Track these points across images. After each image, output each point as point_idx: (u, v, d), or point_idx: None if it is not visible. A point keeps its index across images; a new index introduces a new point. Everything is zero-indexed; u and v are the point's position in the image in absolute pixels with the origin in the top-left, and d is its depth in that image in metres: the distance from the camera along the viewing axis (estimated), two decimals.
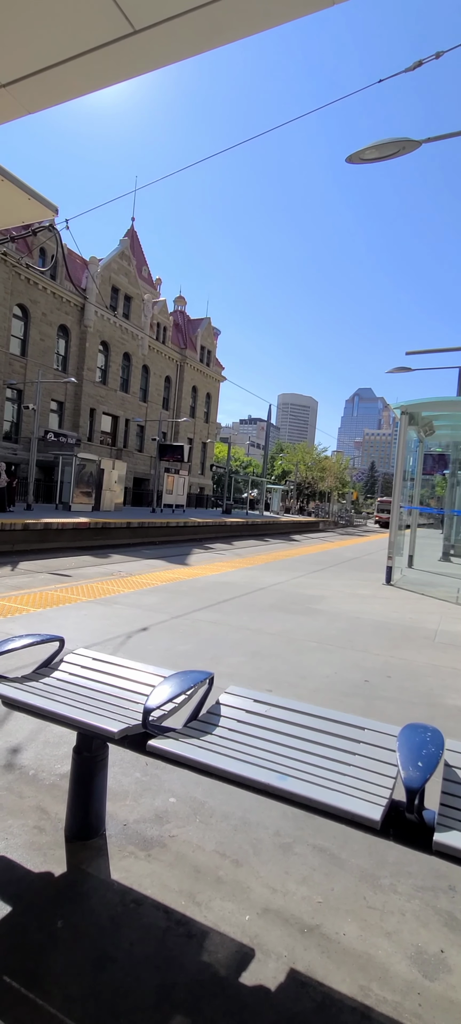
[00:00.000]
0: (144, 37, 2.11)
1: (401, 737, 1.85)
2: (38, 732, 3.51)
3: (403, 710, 4.45)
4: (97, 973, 1.87)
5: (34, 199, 3.46)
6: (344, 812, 1.62)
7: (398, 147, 6.30)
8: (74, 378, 35.20)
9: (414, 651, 6.41)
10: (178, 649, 5.68)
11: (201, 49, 2.16)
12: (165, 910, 2.17)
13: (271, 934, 2.08)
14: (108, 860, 2.43)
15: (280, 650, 5.96)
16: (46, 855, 2.43)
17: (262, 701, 2.33)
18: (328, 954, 2.01)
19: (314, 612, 8.24)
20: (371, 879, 2.43)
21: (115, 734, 2.03)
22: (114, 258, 42.17)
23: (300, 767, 1.88)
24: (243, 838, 2.66)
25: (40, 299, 36.22)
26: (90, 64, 2.28)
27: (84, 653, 2.84)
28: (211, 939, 2.04)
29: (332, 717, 2.17)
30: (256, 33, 2.05)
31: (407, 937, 2.12)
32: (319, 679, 5.07)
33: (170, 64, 2.25)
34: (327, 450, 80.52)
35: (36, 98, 2.57)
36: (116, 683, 2.56)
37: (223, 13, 1.95)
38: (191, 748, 1.96)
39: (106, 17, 2.03)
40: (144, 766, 3.20)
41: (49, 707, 2.22)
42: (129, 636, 6.04)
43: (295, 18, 1.97)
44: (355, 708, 4.37)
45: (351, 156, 6.46)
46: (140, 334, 44.81)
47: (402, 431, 12.59)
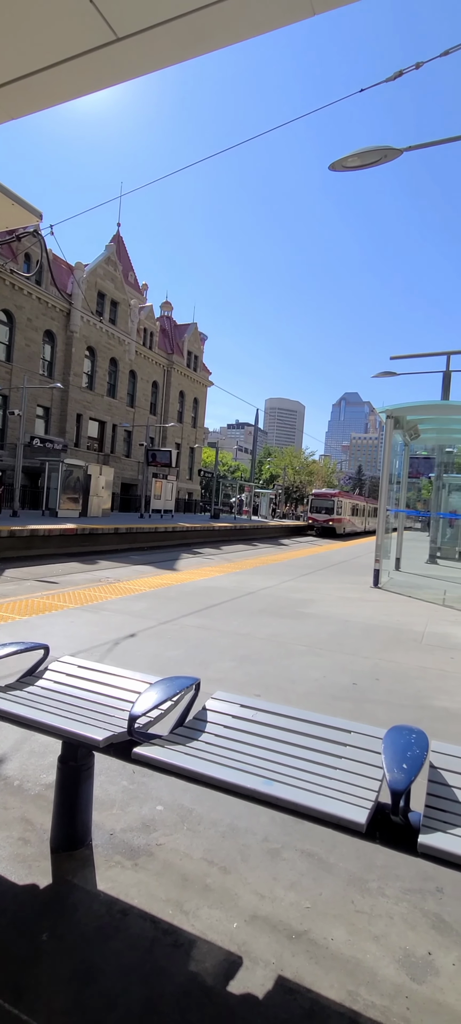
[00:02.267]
0: (127, 44, 2.11)
1: (386, 739, 1.86)
2: (23, 742, 3.47)
3: (391, 712, 4.47)
4: (83, 986, 1.85)
5: (18, 204, 3.44)
6: (329, 816, 1.62)
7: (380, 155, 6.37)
8: (60, 383, 35.01)
9: (402, 653, 6.45)
10: (166, 655, 5.65)
11: (184, 57, 2.17)
12: (152, 920, 2.15)
13: (259, 941, 2.07)
14: (94, 870, 2.40)
15: (269, 654, 5.96)
16: (31, 867, 2.39)
17: (249, 706, 2.33)
18: (316, 960, 2.00)
19: (303, 616, 8.26)
20: (359, 883, 2.44)
21: (100, 742, 2.01)
22: (100, 263, 42.06)
23: (287, 772, 1.88)
24: (231, 845, 2.65)
25: (25, 304, 35.98)
26: (73, 70, 2.28)
27: (69, 661, 2.82)
28: (199, 948, 2.03)
29: (319, 721, 2.17)
30: (238, 42, 2.06)
31: (395, 940, 2.12)
32: (308, 683, 5.08)
33: (154, 71, 2.25)
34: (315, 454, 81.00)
35: (19, 104, 2.56)
36: (102, 690, 2.53)
37: (206, 22, 1.96)
38: (177, 755, 1.95)
39: (89, 24, 2.03)
40: (131, 774, 3.17)
41: (33, 716, 2.20)
42: (117, 643, 6.00)
43: (276, 28, 1.99)
44: (344, 711, 4.38)
45: (334, 164, 6.52)
46: (127, 339, 44.70)
47: (388, 435, 12.69)
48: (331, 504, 46.79)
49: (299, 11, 1.88)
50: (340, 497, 48.27)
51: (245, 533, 36.94)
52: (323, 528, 45.93)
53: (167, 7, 1.91)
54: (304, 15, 1.89)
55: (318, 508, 47.67)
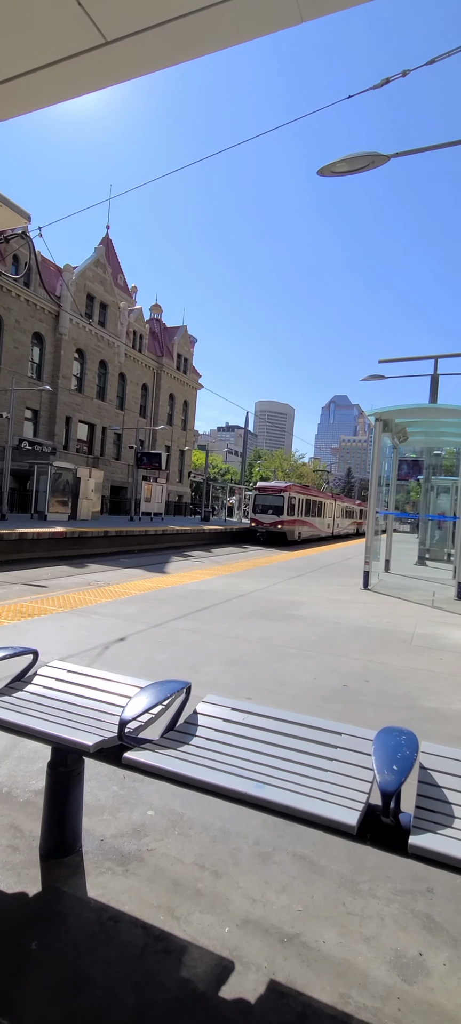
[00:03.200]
0: (116, 48, 2.11)
1: (377, 741, 1.87)
2: (12, 748, 3.43)
3: (381, 714, 4.49)
4: (73, 995, 1.83)
5: (5, 206, 3.42)
6: (320, 818, 1.62)
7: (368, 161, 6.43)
8: (49, 386, 34.79)
9: (392, 655, 6.48)
10: (157, 659, 5.63)
11: (173, 61, 2.17)
12: (143, 926, 2.13)
13: (251, 945, 2.07)
14: (84, 877, 2.38)
15: (259, 657, 5.96)
16: (20, 875, 2.36)
17: (240, 709, 2.33)
18: (308, 963, 2.00)
19: (293, 618, 8.27)
20: (350, 885, 2.44)
21: (90, 747, 2.00)
22: (89, 266, 41.92)
23: (278, 775, 1.88)
24: (223, 849, 2.64)
25: (13, 306, 35.74)
26: (62, 73, 2.27)
27: (59, 665, 2.79)
28: (190, 953, 2.02)
29: (309, 723, 2.18)
30: (227, 47, 2.07)
31: (386, 941, 2.13)
32: (299, 685, 5.08)
33: (142, 75, 2.26)
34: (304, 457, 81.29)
35: (7, 106, 2.54)
36: (91, 695, 2.52)
37: (194, 26, 1.96)
38: (168, 759, 1.94)
39: (77, 28, 2.02)
40: (121, 779, 3.15)
41: (22, 722, 2.18)
42: (106, 647, 5.97)
43: (265, 34, 2.00)
44: (334, 713, 4.40)
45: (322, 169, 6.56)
46: (116, 342, 44.56)
47: (377, 438, 12.78)
48: (280, 501, 35.61)
49: (287, 18, 1.89)
50: (292, 492, 36.79)
51: (235, 535, 36.89)
52: (270, 533, 35.09)
53: (156, 11, 1.92)
54: (293, 22, 1.90)
55: (263, 507, 35.88)
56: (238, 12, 1.89)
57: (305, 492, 40.78)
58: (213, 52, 2.08)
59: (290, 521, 36.01)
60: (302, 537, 38.37)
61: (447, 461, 20.95)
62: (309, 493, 42.01)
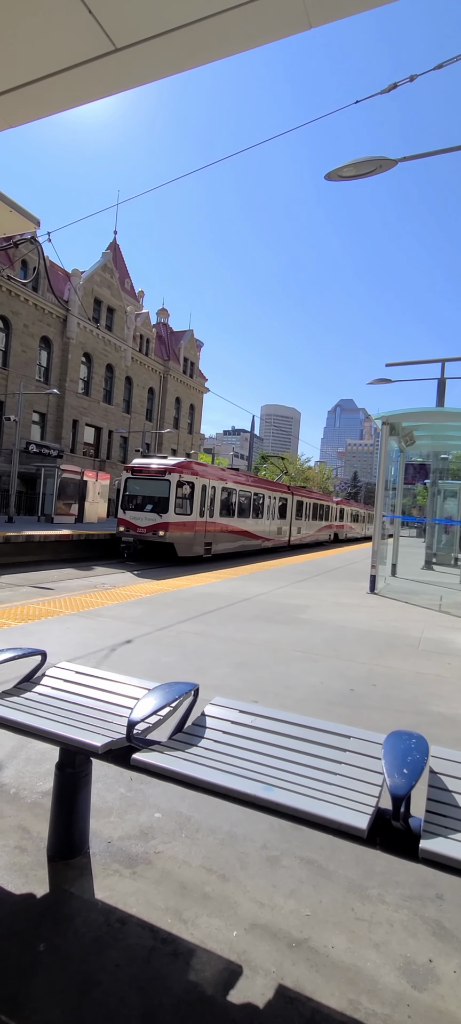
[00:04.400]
0: (125, 55, 2.13)
1: (386, 745, 1.86)
2: (19, 749, 3.44)
3: (389, 718, 4.47)
4: (81, 997, 1.83)
5: (15, 211, 3.45)
6: (330, 822, 1.61)
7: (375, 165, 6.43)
8: (56, 389, 34.96)
9: (399, 659, 6.45)
10: (163, 661, 5.63)
11: (182, 68, 2.18)
12: (151, 928, 2.13)
13: (259, 950, 2.06)
14: (92, 879, 2.38)
15: (265, 660, 5.95)
16: (28, 876, 2.37)
17: (247, 712, 2.32)
18: (316, 968, 1.99)
19: (299, 622, 8.25)
20: (359, 890, 2.43)
21: (99, 748, 2.00)
22: (97, 270, 42.15)
23: (286, 777, 1.87)
24: (230, 852, 2.63)
25: (22, 311, 35.99)
26: (72, 80, 2.29)
27: (67, 667, 2.80)
28: (198, 957, 2.01)
29: (318, 726, 2.17)
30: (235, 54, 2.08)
31: (396, 948, 2.11)
32: (305, 689, 5.07)
33: (151, 82, 2.27)
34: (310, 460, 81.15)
35: (18, 112, 2.57)
36: (100, 697, 2.52)
37: (203, 33, 1.97)
38: (176, 761, 1.94)
39: (88, 35, 2.04)
40: (129, 781, 3.15)
41: (31, 722, 2.18)
42: (113, 649, 5.98)
43: (273, 40, 2.01)
44: (341, 717, 4.38)
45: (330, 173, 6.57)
46: (123, 346, 44.75)
47: (383, 441, 12.74)
48: (164, 489, 20.38)
49: (295, 24, 1.90)
50: (190, 473, 21.34)
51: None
52: (146, 545, 20.24)
53: (165, 19, 1.93)
54: (300, 28, 1.91)
55: (136, 500, 20.85)
56: (246, 19, 1.90)
57: (220, 477, 23.75)
58: (222, 58, 2.09)
59: (184, 524, 20.79)
60: (219, 552, 22.99)
61: (454, 465, 20.87)
62: (230, 478, 24.73)
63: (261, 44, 2.09)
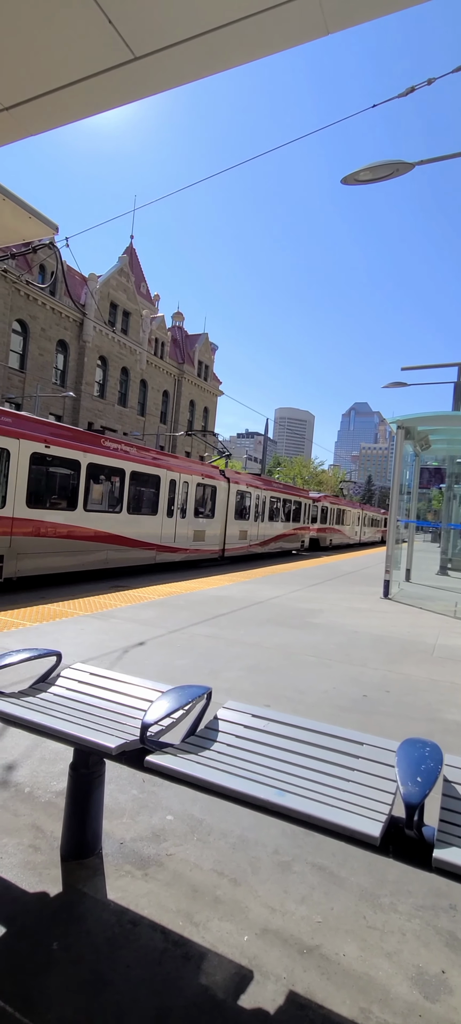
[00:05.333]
0: (144, 63, 2.15)
1: (400, 752, 1.85)
2: (34, 748, 3.48)
3: (402, 725, 4.43)
4: (93, 997, 1.84)
5: (35, 217, 3.50)
6: (343, 828, 1.61)
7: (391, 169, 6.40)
8: (72, 392, 35.34)
9: (413, 666, 6.39)
10: (175, 664, 5.65)
11: (199, 75, 2.20)
12: (162, 931, 2.14)
13: (270, 955, 2.05)
14: (104, 880, 2.40)
15: (278, 664, 5.94)
16: (41, 875, 2.39)
17: (260, 716, 2.32)
18: (328, 975, 1.98)
19: (312, 626, 8.22)
20: (371, 898, 2.41)
21: (112, 750, 2.02)
22: (113, 275, 42.53)
23: (299, 783, 1.87)
24: (241, 856, 2.63)
25: (39, 314, 36.44)
26: (91, 89, 2.32)
27: (81, 668, 2.83)
28: (209, 960, 2.01)
29: (331, 732, 2.16)
30: (253, 60, 2.10)
31: (408, 957, 2.09)
32: (317, 694, 5.05)
33: (169, 89, 2.29)
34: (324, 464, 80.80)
35: (38, 121, 2.61)
36: (113, 698, 2.54)
37: (220, 41, 1.99)
38: (189, 764, 1.95)
39: (108, 44, 2.07)
40: (141, 783, 3.17)
41: (46, 723, 2.21)
42: (126, 651, 6.01)
43: (290, 47, 2.02)
44: (353, 723, 4.35)
45: (346, 178, 6.56)
46: (138, 349, 45.05)
47: (398, 445, 12.65)
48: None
49: (313, 31, 1.91)
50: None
51: None
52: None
53: (183, 27, 1.95)
54: (318, 34, 1.92)
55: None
56: (264, 26, 1.92)
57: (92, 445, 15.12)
58: (239, 65, 2.10)
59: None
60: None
61: None
62: (106, 449, 15.68)
63: (279, 51, 2.10)
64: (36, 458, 12.61)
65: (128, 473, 15.79)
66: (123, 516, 15.64)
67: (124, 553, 15.73)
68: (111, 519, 15.18)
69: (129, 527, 15.87)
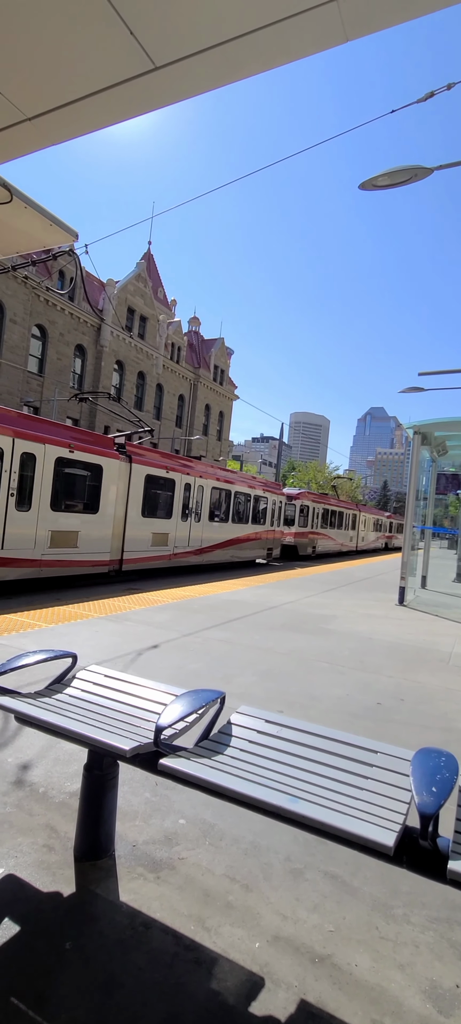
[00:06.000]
0: (164, 73, 2.18)
1: (415, 761, 1.83)
2: (48, 749, 3.52)
3: (417, 734, 4.38)
4: (104, 998, 1.85)
5: (56, 225, 3.56)
6: (356, 837, 1.60)
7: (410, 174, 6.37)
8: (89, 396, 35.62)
9: (428, 674, 6.31)
10: (189, 667, 5.66)
11: (219, 84, 2.22)
12: (174, 934, 2.14)
13: (281, 963, 2.05)
14: (117, 881, 2.41)
15: (291, 670, 5.91)
16: (55, 875, 2.41)
17: (274, 722, 2.32)
18: (340, 985, 1.97)
19: (325, 632, 8.17)
20: (384, 908, 2.39)
21: (127, 752, 2.03)
22: (131, 280, 42.92)
23: (312, 790, 1.86)
24: (253, 862, 2.62)
25: (58, 320, 36.92)
26: (112, 99, 2.36)
27: (96, 670, 2.85)
28: (220, 966, 2.01)
29: (344, 740, 2.15)
30: (272, 68, 2.11)
31: (421, 970, 2.07)
32: (330, 700, 5.02)
33: (189, 98, 2.31)
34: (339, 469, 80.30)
35: (59, 130, 2.65)
36: (128, 700, 2.56)
37: (240, 50, 2.01)
38: (203, 768, 1.95)
39: (128, 54, 2.10)
40: (154, 786, 3.18)
41: (62, 723, 2.23)
42: (140, 653, 6.04)
43: (309, 55, 2.02)
44: (367, 731, 4.31)
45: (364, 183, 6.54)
46: (155, 354, 45.36)
47: (415, 451, 12.54)
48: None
49: (332, 38, 1.91)
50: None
51: None
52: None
53: (203, 37, 1.97)
54: (337, 41, 1.92)
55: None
56: (283, 34, 1.93)
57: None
58: (258, 74, 2.11)
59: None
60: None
61: None
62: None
63: (298, 58, 2.11)
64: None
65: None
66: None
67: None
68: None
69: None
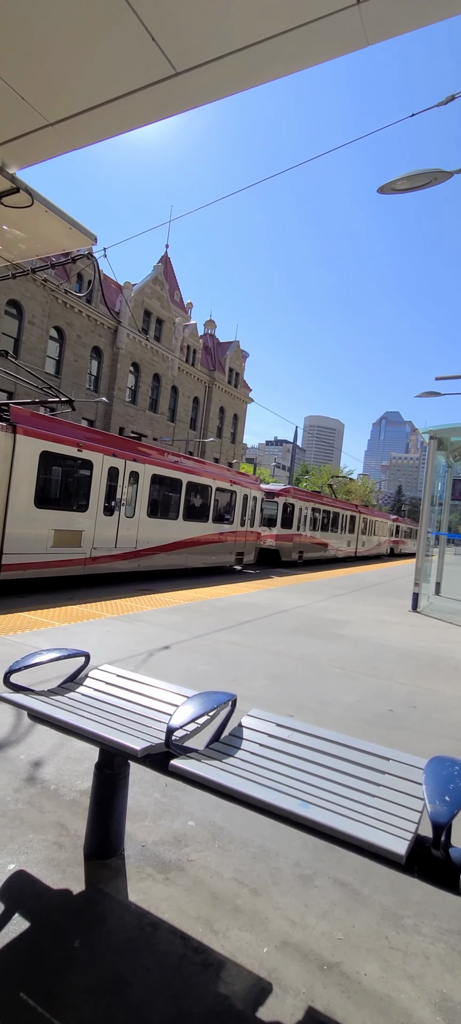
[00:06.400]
0: (185, 78, 2.19)
1: (428, 770, 1.81)
2: (60, 747, 3.54)
3: (429, 742, 4.33)
4: (112, 997, 1.86)
5: (75, 229, 3.60)
6: (368, 844, 1.58)
7: (429, 178, 6.33)
8: (105, 398, 35.98)
9: (441, 682, 6.24)
10: (199, 669, 5.67)
11: (239, 88, 2.23)
12: (182, 936, 2.14)
13: (289, 969, 2.03)
14: (126, 881, 2.42)
15: (302, 674, 5.89)
16: (65, 872, 2.43)
17: (285, 726, 2.31)
18: (348, 994, 1.95)
19: (337, 637, 8.12)
20: (394, 918, 2.36)
21: (138, 752, 2.04)
22: (148, 283, 43.20)
23: (323, 795, 1.85)
24: (262, 867, 2.61)
25: (75, 322, 37.29)
26: (133, 104, 2.38)
27: (108, 669, 2.87)
28: (228, 970, 2.01)
29: (356, 746, 2.13)
30: (292, 73, 2.11)
31: (431, 982, 2.04)
32: (342, 706, 4.98)
33: (208, 103, 2.33)
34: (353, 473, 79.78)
35: (81, 135, 2.68)
36: (139, 701, 2.57)
37: (260, 55, 2.01)
38: (214, 770, 1.95)
39: (150, 60, 2.12)
40: (163, 787, 3.19)
41: (74, 722, 2.24)
42: (151, 654, 6.06)
43: (330, 59, 2.02)
44: (379, 738, 4.28)
45: (383, 187, 6.51)
46: (170, 356, 45.57)
47: (430, 456, 12.42)
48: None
49: (353, 42, 1.91)
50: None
51: None
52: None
53: (224, 43, 1.98)
54: (358, 46, 1.91)
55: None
56: (304, 39, 1.93)
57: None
58: (279, 78, 2.12)
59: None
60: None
61: None
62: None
63: (318, 63, 2.11)
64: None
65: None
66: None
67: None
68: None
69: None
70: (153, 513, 14.88)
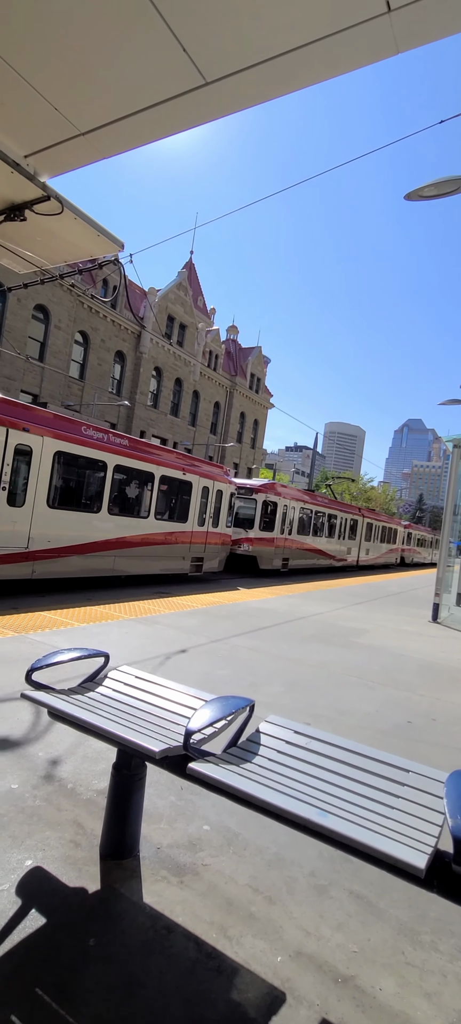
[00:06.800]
0: (214, 88, 2.22)
1: (449, 783, 1.78)
2: (77, 746, 3.58)
3: (449, 756, 4.26)
4: (126, 998, 1.86)
5: (103, 235, 3.66)
6: (386, 856, 1.56)
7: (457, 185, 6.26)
8: (127, 401, 36.35)
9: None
10: (216, 674, 5.67)
11: (268, 97, 2.24)
12: (196, 941, 2.14)
13: (304, 979, 2.02)
14: (141, 882, 2.43)
15: (319, 683, 5.84)
16: (81, 871, 2.45)
17: (303, 733, 2.30)
18: (363, 1008, 1.93)
19: (355, 646, 8.04)
20: (411, 933, 2.32)
21: (156, 753, 2.05)
22: (172, 289, 43.59)
23: (340, 805, 1.83)
24: (277, 875, 2.60)
25: (100, 326, 37.82)
26: (162, 113, 2.41)
27: (127, 671, 2.89)
28: (242, 977, 2.00)
29: (375, 756, 2.11)
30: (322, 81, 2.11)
31: (448, 1001, 2.00)
32: (359, 716, 4.93)
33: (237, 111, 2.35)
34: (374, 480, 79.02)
35: (112, 144, 2.73)
36: (158, 703, 2.58)
37: (290, 64, 2.02)
38: (231, 775, 1.95)
39: (180, 70, 2.15)
40: (179, 790, 3.19)
41: (94, 721, 2.27)
42: (168, 657, 6.09)
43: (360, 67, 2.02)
44: (396, 749, 4.22)
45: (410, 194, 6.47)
46: (192, 361, 45.85)
47: (454, 464, 12.24)
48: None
49: (383, 50, 1.90)
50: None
51: None
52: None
53: (254, 52, 1.99)
54: (388, 54, 1.91)
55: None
56: (334, 48, 1.93)
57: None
58: (308, 87, 2.13)
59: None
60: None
61: None
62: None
63: (348, 71, 2.11)
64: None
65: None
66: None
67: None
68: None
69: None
70: (59, 502, 11.28)
